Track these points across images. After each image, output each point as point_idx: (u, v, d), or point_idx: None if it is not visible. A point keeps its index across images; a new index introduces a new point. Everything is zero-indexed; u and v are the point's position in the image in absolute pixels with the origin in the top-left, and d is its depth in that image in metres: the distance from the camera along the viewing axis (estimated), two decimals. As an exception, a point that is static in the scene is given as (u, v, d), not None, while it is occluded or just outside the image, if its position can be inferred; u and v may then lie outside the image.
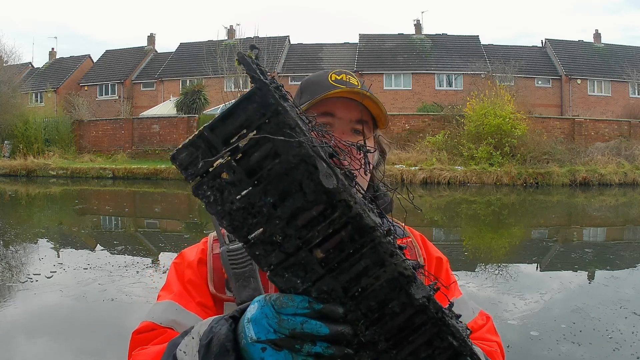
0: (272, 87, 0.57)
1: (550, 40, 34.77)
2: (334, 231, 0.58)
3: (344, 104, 1.02)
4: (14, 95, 27.85)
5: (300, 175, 0.56)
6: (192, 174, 0.59)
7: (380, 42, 35.01)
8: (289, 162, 0.56)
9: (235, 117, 0.58)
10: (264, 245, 0.59)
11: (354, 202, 0.57)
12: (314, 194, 0.56)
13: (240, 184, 0.58)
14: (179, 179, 21.06)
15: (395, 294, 0.60)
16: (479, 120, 21.01)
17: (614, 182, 19.41)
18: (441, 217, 12.80)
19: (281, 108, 0.56)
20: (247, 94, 0.58)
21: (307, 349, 0.60)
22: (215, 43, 29.47)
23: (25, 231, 10.21)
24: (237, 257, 0.95)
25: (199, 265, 0.99)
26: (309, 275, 0.60)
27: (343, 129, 1.02)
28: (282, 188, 0.57)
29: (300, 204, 0.57)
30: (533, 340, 4.24)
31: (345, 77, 1.05)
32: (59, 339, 4.45)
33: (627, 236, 10.65)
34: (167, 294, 0.97)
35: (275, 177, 0.57)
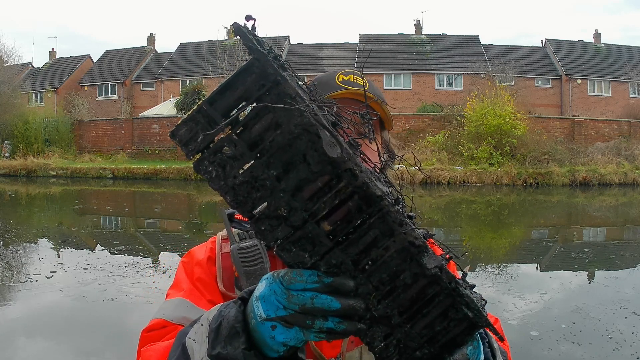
0: (270, 57, 0.55)
1: (550, 40, 34.77)
2: (341, 202, 0.56)
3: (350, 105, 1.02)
4: (14, 95, 27.85)
5: (303, 145, 0.54)
6: (192, 150, 0.58)
7: (380, 42, 35.00)
8: (290, 132, 0.54)
9: (233, 90, 0.56)
10: (270, 220, 0.58)
11: (359, 171, 0.55)
12: (318, 164, 0.55)
13: (242, 157, 0.56)
14: (179, 179, 21.07)
15: (407, 264, 0.58)
16: (479, 120, 21.01)
17: (614, 182, 19.41)
18: (441, 217, 12.80)
19: (280, 78, 0.54)
20: (245, 65, 0.56)
21: (318, 325, 0.58)
22: (215, 43, 29.48)
23: (25, 231, 10.21)
24: (248, 255, 0.93)
25: (209, 264, 0.99)
26: (317, 248, 0.58)
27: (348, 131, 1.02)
28: (285, 160, 0.55)
29: (305, 175, 0.55)
30: (533, 340, 4.24)
31: (352, 78, 1.04)
32: (59, 339, 4.45)
33: (627, 236, 10.65)
34: (176, 291, 0.97)
35: (277, 148, 0.55)
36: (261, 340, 0.63)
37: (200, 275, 0.97)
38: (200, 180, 20.45)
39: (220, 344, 0.65)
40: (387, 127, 1.08)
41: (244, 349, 0.63)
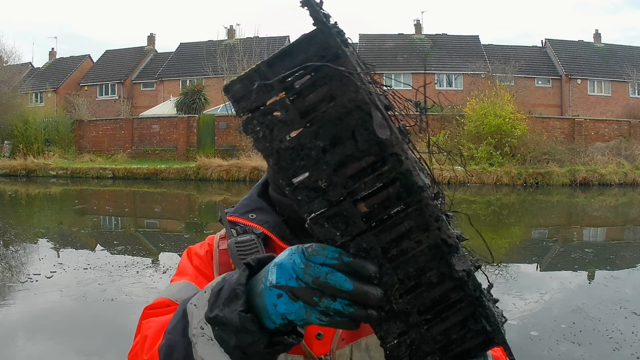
0: (334, 30, 0.55)
1: (550, 40, 34.77)
2: (382, 186, 0.55)
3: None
4: (14, 95, 27.85)
5: (354, 122, 0.54)
6: (244, 108, 0.57)
7: (380, 42, 35.01)
8: (344, 106, 0.54)
9: (293, 56, 0.55)
10: (308, 191, 0.57)
11: (405, 157, 0.55)
12: (366, 143, 0.54)
13: (292, 123, 0.55)
14: (179, 179, 21.07)
15: (435, 262, 0.57)
16: (479, 120, 21.01)
17: (614, 182, 19.41)
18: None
19: (341, 52, 0.54)
20: (308, 34, 0.55)
21: (325, 304, 0.57)
22: (215, 43, 29.49)
23: (25, 231, 10.21)
24: (246, 249, 0.93)
25: (207, 257, 1.00)
26: (349, 228, 0.57)
27: None
28: (334, 133, 0.55)
29: (351, 152, 0.55)
30: (533, 340, 4.24)
31: None
32: (59, 339, 4.45)
33: (627, 236, 10.65)
34: (181, 277, 0.98)
35: (328, 120, 0.55)
36: (262, 307, 0.61)
37: (199, 265, 0.99)
38: (200, 180, 20.46)
39: (219, 306, 0.64)
40: None
41: (240, 311, 0.62)
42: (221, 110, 25.60)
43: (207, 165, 20.89)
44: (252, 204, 1.02)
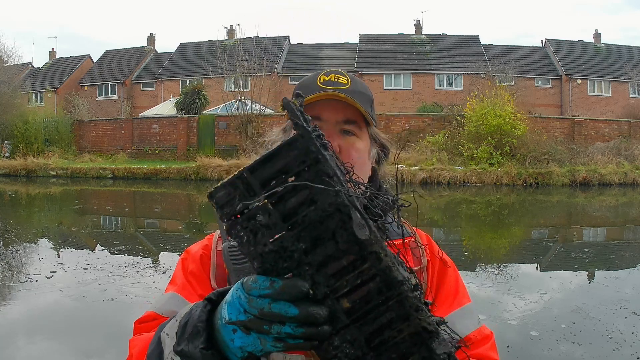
0: (314, 134, 0.58)
1: (550, 40, 34.77)
2: (362, 282, 0.59)
3: (330, 105, 1.01)
4: (14, 95, 27.85)
5: (334, 224, 0.57)
6: (227, 214, 0.59)
7: (380, 42, 35.01)
8: (324, 209, 0.57)
9: (275, 162, 0.58)
10: None
11: (384, 255, 0.58)
12: (346, 243, 0.57)
13: (275, 227, 0.58)
14: (179, 179, 21.08)
15: (417, 348, 0.60)
16: (479, 120, 21.01)
17: (614, 182, 19.41)
18: (441, 217, 12.80)
19: (321, 157, 0.57)
20: (289, 140, 0.58)
21: (276, 330, 0.59)
22: (215, 43, 29.46)
23: (25, 231, 10.21)
24: (238, 253, 0.95)
25: (203, 259, 1.02)
26: (333, 323, 0.60)
27: (330, 132, 1.01)
28: (315, 235, 0.58)
29: (332, 252, 0.58)
30: (533, 341, 4.24)
31: (334, 77, 1.03)
32: (59, 339, 4.45)
33: (627, 236, 10.65)
34: (172, 287, 1.01)
35: (309, 223, 0.57)
36: (223, 343, 0.65)
37: (193, 269, 1.01)
38: (200, 180, 20.46)
39: (185, 341, 0.68)
40: (370, 123, 1.07)
41: (201, 349, 0.65)
42: (221, 110, 25.59)
43: (207, 165, 20.90)
44: None
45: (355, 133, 1.03)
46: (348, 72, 1.09)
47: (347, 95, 1.00)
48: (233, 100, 24.67)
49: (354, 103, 1.00)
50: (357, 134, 1.04)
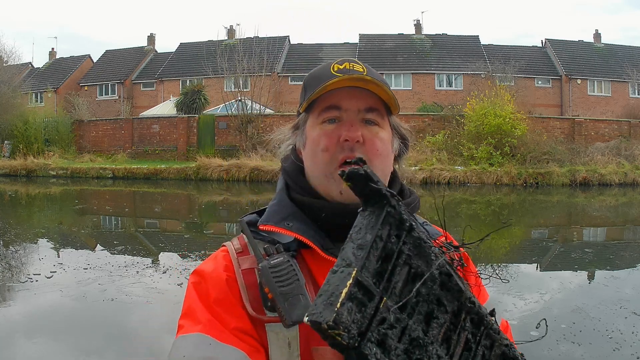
0: (398, 201, 0.56)
1: (550, 40, 34.76)
2: (461, 333, 0.58)
3: (350, 94, 0.95)
4: (14, 95, 27.84)
5: (438, 288, 0.56)
6: (354, 336, 0.50)
7: (380, 42, 35.00)
8: (433, 278, 0.55)
9: (373, 249, 0.54)
10: None
11: (472, 296, 0.58)
12: (451, 303, 0.57)
13: (398, 322, 0.53)
14: (179, 179, 21.07)
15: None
16: (479, 120, 21.00)
17: (614, 182, 19.41)
18: (441, 217, 12.79)
19: (413, 223, 0.56)
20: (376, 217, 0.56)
21: None
22: (215, 43, 29.46)
23: (25, 231, 10.21)
24: (282, 274, 0.83)
25: (229, 284, 0.88)
26: None
27: (352, 121, 0.94)
28: (426, 310, 0.55)
29: (443, 321, 0.56)
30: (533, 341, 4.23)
31: (349, 65, 0.96)
32: (59, 339, 4.45)
33: (627, 236, 10.65)
34: (192, 323, 0.84)
35: (422, 300, 0.55)
36: None
37: (219, 296, 0.86)
38: (200, 180, 20.46)
39: None
40: (393, 112, 1.02)
41: None
42: (221, 110, 25.60)
43: (207, 165, 20.89)
44: (284, 211, 0.94)
45: (378, 122, 0.97)
46: None
47: (373, 78, 0.94)
48: (233, 100, 24.67)
49: (381, 86, 0.94)
50: (379, 123, 0.97)
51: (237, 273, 0.89)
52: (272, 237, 0.91)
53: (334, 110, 0.95)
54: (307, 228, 0.91)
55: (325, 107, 0.95)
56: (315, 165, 0.95)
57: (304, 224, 0.92)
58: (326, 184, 0.94)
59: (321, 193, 0.95)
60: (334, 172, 0.91)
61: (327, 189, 0.94)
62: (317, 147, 0.94)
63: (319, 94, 0.94)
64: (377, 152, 0.94)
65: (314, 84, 0.96)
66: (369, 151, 0.93)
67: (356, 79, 0.93)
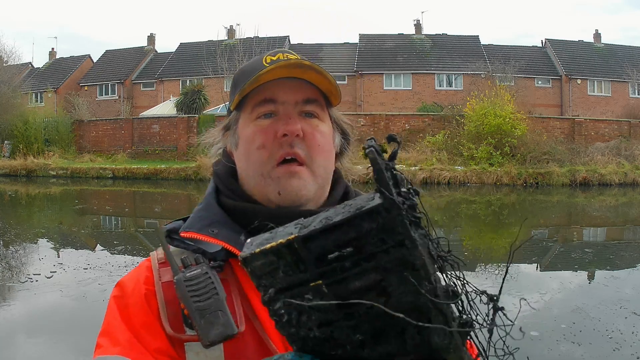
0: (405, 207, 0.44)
1: (550, 40, 34.76)
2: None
3: (285, 85, 0.86)
4: (14, 95, 27.84)
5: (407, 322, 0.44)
6: (266, 286, 0.48)
7: (380, 42, 35.00)
8: (400, 307, 0.44)
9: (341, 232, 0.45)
10: None
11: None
12: (416, 347, 0.45)
13: (326, 313, 0.46)
14: (179, 179, 21.07)
15: None
16: (479, 120, 21.01)
17: (614, 182, 19.41)
18: (441, 217, 12.80)
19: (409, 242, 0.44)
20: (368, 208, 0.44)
21: None
22: (215, 43, 29.46)
23: (25, 231, 10.21)
24: (199, 287, 0.75)
25: (148, 298, 0.79)
26: None
27: (289, 115, 0.85)
28: (377, 327, 0.46)
29: (395, 351, 0.46)
30: (533, 341, 4.24)
31: (282, 56, 0.88)
32: (59, 339, 4.45)
33: (627, 236, 10.65)
34: (110, 344, 0.76)
35: (375, 317, 0.45)
36: None
37: (138, 312, 0.78)
38: (200, 180, 20.46)
39: None
40: (333, 103, 0.91)
41: None
42: (221, 110, 25.60)
43: (207, 165, 20.84)
44: (210, 217, 0.85)
45: (318, 115, 0.88)
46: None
47: (312, 63, 0.85)
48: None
49: (321, 72, 0.84)
50: (319, 115, 0.88)
51: (157, 286, 0.80)
52: (198, 246, 0.82)
53: (269, 104, 0.86)
54: (235, 235, 0.81)
55: (258, 101, 0.87)
56: (250, 165, 0.87)
57: (232, 231, 0.82)
58: (263, 185, 0.85)
59: (256, 197, 0.87)
60: (272, 172, 0.84)
61: (264, 191, 0.85)
62: (251, 146, 0.86)
63: (251, 87, 0.85)
64: (318, 147, 0.86)
65: (244, 78, 0.88)
66: (309, 146, 0.85)
67: (293, 64, 0.84)
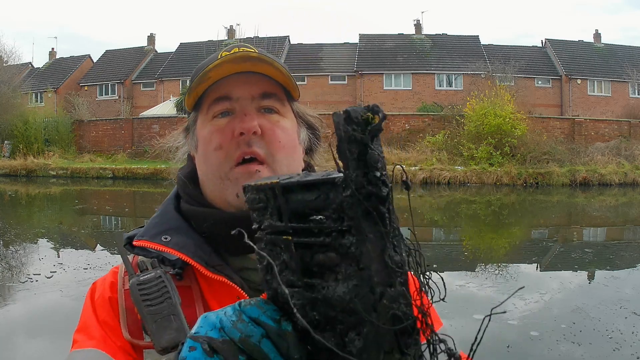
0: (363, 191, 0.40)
1: (550, 40, 34.76)
2: None
3: (240, 80, 0.80)
4: (14, 95, 27.84)
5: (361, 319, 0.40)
6: (257, 221, 0.48)
7: (380, 42, 35.00)
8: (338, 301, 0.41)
9: (316, 196, 0.43)
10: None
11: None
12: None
13: (293, 275, 0.45)
14: (179, 179, 21.07)
15: None
16: (479, 120, 21.01)
17: (614, 182, 19.41)
18: (441, 217, 12.80)
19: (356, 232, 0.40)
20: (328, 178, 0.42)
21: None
22: (215, 43, 29.45)
23: (25, 231, 10.21)
24: (152, 291, 0.72)
25: (111, 302, 0.80)
26: None
27: (245, 111, 0.80)
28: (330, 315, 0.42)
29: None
30: (533, 340, 4.24)
31: (238, 50, 0.82)
32: (59, 339, 4.45)
33: (627, 236, 10.65)
34: (86, 338, 0.78)
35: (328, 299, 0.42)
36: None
37: (105, 317, 0.79)
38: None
39: None
40: (294, 96, 0.86)
41: None
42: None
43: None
44: (165, 223, 0.84)
45: (278, 109, 0.83)
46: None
47: (264, 55, 0.80)
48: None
49: (274, 64, 0.79)
50: (279, 110, 0.83)
51: (120, 294, 0.79)
52: (159, 253, 0.79)
53: (224, 102, 0.81)
54: (188, 242, 0.78)
55: (213, 99, 0.81)
56: (208, 167, 0.82)
57: (187, 237, 0.79)
58: (221, 187, 0.81)
59: (215, 200, 0.83)
60: (230, 173, 0.79)
61: (222, 194, 0.81)
62: (209, 147, 0.81)
63: (204, 86, 0.80)
64: (279, 145, 0.80)
65: (197, 75, 0.82)
66: (269, 143, 0.80)
67: (240, 57, 0.78)
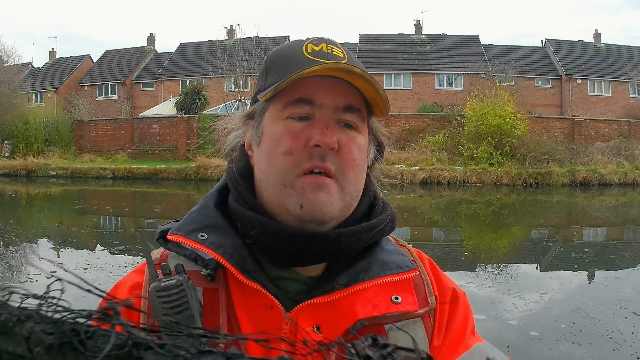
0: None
1: (550, 40, 34.77)
2: None
3: (326, 85, 0.75)
4: (14, 95, 27.83)
5: None
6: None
7: (380, 42, 35.01)
8: None
9: None
10: None
11: None
12: None
13: None
14: (179, 179, 21.07)
15: None
16: (479, 120, 21.01)
17: (614, 182, 19.41)
18: (441, 217, 12.80)
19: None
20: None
21: None
22: (215, 43, 29.45)
23: (25, 231, 10.21)
24: (171, 300, 0.68)
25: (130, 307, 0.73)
26: None
27: (326, 121, 0.75)
28: None
29: None
30: (533, 340, 4.24)
31: (326, 48, 0.77)
32: (59, 339, 4.45)
33: (627, 236, 10.65)
34: None
35: None
36: None
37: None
38: (200, 180, 20.47)
39: None
40: (378, 114, 0.81)
41: None
42: (221, 110, 25.58)
43: (207, 165, 20.89)
44: (204, 219, 0.77)
45: (357, 126, 0.77)
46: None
47: (362, 72, 0.73)
48: (233, 100, 24.66)
49: (370, 82, 0.74)
50: (358, 127, 0.78)
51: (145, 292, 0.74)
52: (193, 251, 0.74)
53: (305, 105, 0.75)
54: (226, 243, 0.73)
55: (294, 99, 0.76)
56: (271, 170, 0.76)
57: (225, 237, 0.74)
58: (283, 194, 0.74)
59: (272, 206, 0.76)
60: (295, 181, 0.74)
61: (283, 201, 0.75)
62: (277, 148, 0.75)
63: (289, 82, 0.74)
64: (353, 163, 0.76)
65: (281, 67, 0.77)
66: (344, 161, 0.75)
67: (341, 69, 0.73)
